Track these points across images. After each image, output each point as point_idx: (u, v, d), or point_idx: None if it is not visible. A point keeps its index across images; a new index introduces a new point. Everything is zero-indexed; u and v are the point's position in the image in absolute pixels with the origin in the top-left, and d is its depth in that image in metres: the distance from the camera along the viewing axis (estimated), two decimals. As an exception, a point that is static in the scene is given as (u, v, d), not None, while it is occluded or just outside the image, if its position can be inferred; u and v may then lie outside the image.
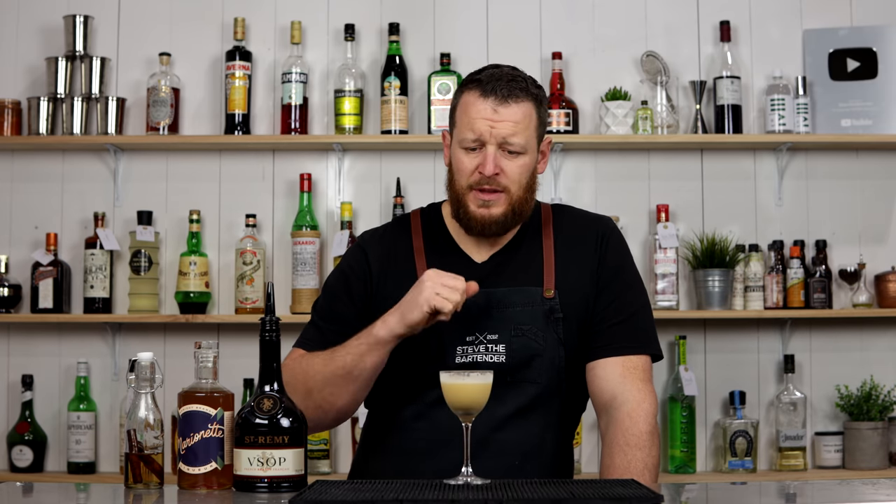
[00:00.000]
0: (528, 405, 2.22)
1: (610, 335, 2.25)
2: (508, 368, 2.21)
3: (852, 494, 1.97)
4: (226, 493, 1.90)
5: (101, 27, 4.01)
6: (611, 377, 2.22)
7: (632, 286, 2.31)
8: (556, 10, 4.04)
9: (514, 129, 2.19)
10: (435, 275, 2.10)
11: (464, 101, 2.24)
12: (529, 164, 2.24)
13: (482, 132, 2.19)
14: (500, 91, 2.20)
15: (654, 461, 2.18)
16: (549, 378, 2.22)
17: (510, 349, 2.21)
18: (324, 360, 2.19)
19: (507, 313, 2.23)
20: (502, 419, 2.20)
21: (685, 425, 3.83)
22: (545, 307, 2.23)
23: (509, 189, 2.22)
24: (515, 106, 2.20)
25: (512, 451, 2.21)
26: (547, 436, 2.24)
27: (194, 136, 3.91)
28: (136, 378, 1.96)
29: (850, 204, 4.02)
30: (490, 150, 2.20)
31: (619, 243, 2.34)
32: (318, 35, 4.02)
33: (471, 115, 2.21)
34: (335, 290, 2.34)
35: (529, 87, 2.24)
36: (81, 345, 3.94)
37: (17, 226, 3.96)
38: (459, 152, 2.23)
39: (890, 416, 3.88)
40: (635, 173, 4.01)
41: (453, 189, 2.26)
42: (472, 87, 2.23)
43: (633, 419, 2.18)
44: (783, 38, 4.04)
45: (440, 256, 2.29)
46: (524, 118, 2.21)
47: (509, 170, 2.21)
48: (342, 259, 2.41)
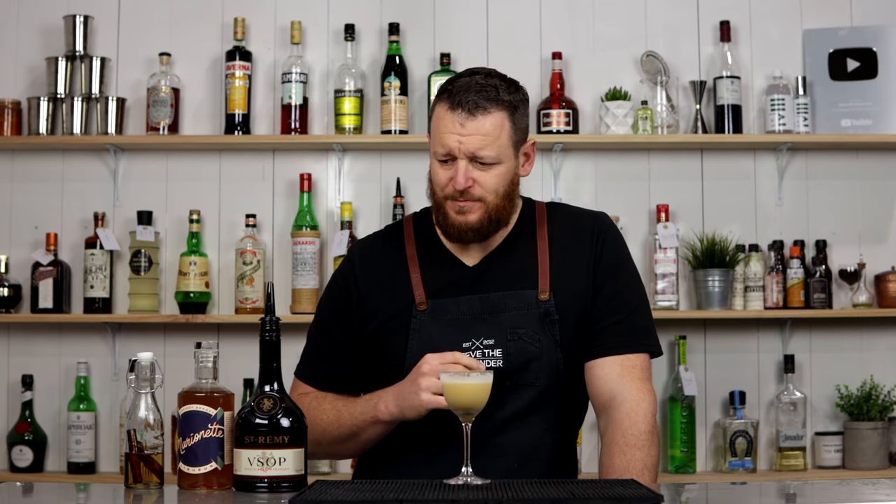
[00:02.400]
0: (526, 408, 2.21)
1: (608, 334, 2.23)
2: (506, 372, 2.19)
3: (852, 494, 1.97)
4: (226, 493, 1.90)
5: (101, 27, 4.01)
6: (609, 377, 2.22)
7: (629, 283, 2.29)
8: (556, 10, 4.04)
9: (482, 143, 2.16)
10: (429, 369, 2.07)
11: (436, 112, 2.20)
12: (505, 172, 2.20)
13: (451, 147, 2.16)
14: (467, 104, 2.15)
15: (653, 461, 2.17)
16: (547, 380, 2.21)
17: (507, 353, 2.20)
18: (331, 420, 2.23)
19: (502, 318, 2.21)
20: (501, 422, 2.20)
21: (685, 425, 3.83)
22: (540, 310, 2.22)
23: (485, 198, 2.19)
24: (483, 118, 2.15)
25: (511, 453, 2.20)
26: (547, 438, 2.24)
27: (194, 136, 3.91)
28: (136, 378, 1.96)
29: (850, 204, 4.02)
30: (461, 164, 2.16)
31: (615, 239, 2.32)
32: (318, 35, 4.02)
33: (440, 129, 2.17)
34: (324, 317, 2.36)
35: (501, 94, 2.18)
36: (81, 345, 3.94)
37: (17, 226, 3.96)
38: (435, 164, 2.21)
39: (890, 416, 3.88)
40: (635, 173, 4.01)
41: (433, 198, 2.26)
42: (443, 99, 2.19)
43: (632, 419, 2.17)
44: (783, 38, 4.04)
45: (432, 263, 2.28)
46: (493, 129, 2.16)
47: (483, 180, 2.18)
48: (333, 277, 2.41)
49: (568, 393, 2.26)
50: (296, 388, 2.34)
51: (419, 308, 2.23)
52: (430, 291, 2.24)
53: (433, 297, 2.24)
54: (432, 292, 2.24)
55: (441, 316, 2.22)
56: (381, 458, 2.28)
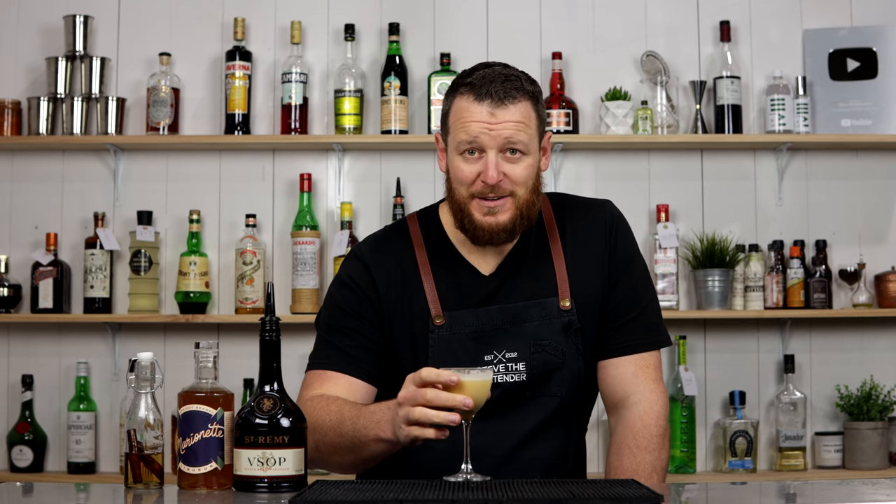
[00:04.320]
0: (548, 419, 2.17)
1: (623, 332, 2.21)
2: (529, 384, 2.16)
3: (852, 494, 1.96)
4: (226, 493, 1.90)
5: (101, 27, 4.01)
6: (623, 377, 2.20)
7: (642, 278, 2.26)
8: (556, 10, 4.04)
9: (515, 129, 2.09)
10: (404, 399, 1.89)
11: (457, 106, 2.12)
12: (533, 163, 2.13)
13: (480, 138, 2.08)
14: (496, 93, 2.08)
15: (662, 463, 2.16)
16: (568, 390, 2.18)
17: (530, 366, 2.15)
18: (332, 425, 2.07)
19: (525, 328, 2.16)
20: (524, 435, 2.16)
21: (685, 425, 3.83)
22: (563, 320, 2.17)
23: (516, 193, 2.11)
24: (513, 107, 2.09)
25: (536, 466, 2.16)
26: (569, 446, 2.21)
27: (194, 136, 3.91)
28: (136, 378, 1.96)
29: (850, 204, 4.02)
30: (491, 157, 2.08)
31: (627, 232, 2.27)
32: (318, 35, 4.02)
33: (466, 121, 2.09)
34: (341, 304, 2.21)
35: (525, 84, 2.12)
36: (81, 345, 3.94)
37: (17, 226, 3.96)
38: (457, 159, 2.12)
39: (890, 416, 3.88)
40: (635, 173, 4.01)
41: (454, 199, 2.15)
42: (464, 92, 2.11)
43: (645, 422, 2.16)
44: (783, 38, 4.04)
45: (447, 271, 2.19)
46: (524, 118, 2.10)
47: (514, 173, 2.10)
48: (342, 271, 2.26)
49: (581, 399, 2.23)
50: (308, 386, 2.18)
51: (436, 323, 2.16)
52: (446, 304, 2.17)
53: (450, 309, 2.17)
54: (449, 304, 2.17)
55: (460, 330, 2.16)
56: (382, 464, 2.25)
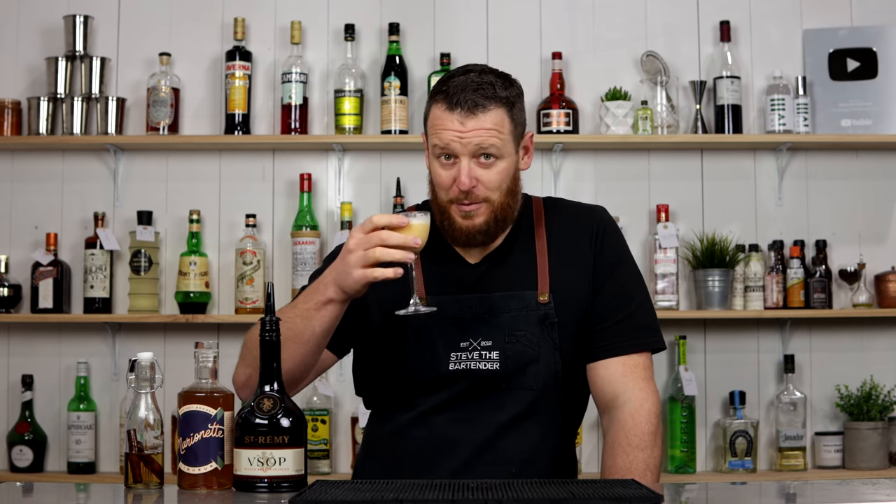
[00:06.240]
0: (525, 411, 2.20)
1: (610, 334, 2.23)
2: (503, 375, 2.19)
3: (852, 494, 1.97)
4: (226, 493, 1.90)
5: (101, 27, 4.01)
6: (612, 377, 2.21)
7: (630, 281, 2.28)
8: (556, 10, 4.04)
9: (486, 135, 2.14)
10: (355, 245, 2.01)
11: (433, 113, 2.18)
12: (508, 167, 2.19)
13: (452, 146, 2.14)
14: (465, 103, 2.13)
15: (655, 461, 2.17)
16: (545, 384, 2.20)
17: (504, 356, 2.19)
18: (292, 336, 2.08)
19: (501, 319, 2.20)
20: (499, 426, 2.19)
21: (685, 425, 3.83)
22: (540, 313, 2.20)
23: (490, 198, 2.17)
24: (483, 116, 2.14)
25: (510, 458, 2.19)
26: (547, 443, 2.23)
27: (194, 136, 3.91)
28: (136, 378, 1.96)
29: (850, 204, 4.02)
30: (464, 163, 2.14)
31: (615, 236, 2.30)
32: (318, 35, 4.02)
33: (439, 129, 2.15)
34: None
35: (498, 91, 2.17)
36: (81, 345, 3.94)
37: (17, 226, 3.96)
38: (436, 163, 2.19)
39: (890, 416, 3.88)
40: (635, 173, 4.01)
41: (435, 201, 2.22)
42: (439, 100, 2.17)
43: (636, 420, 2.17)
44: (783, 38, 4.04)
45: (434, 259, 2.24)
46: (495, 125, 2.15)
47: (486, 178, 2.16)
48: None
49: (567, 397, 2.25)
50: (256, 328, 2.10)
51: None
52: (430, 288, 2.22)
53: (434, 294, 2.22)
54: (434, 289, 2.22)
55: (440, 313, 2.20)
56: (380, 464, 2.26)
